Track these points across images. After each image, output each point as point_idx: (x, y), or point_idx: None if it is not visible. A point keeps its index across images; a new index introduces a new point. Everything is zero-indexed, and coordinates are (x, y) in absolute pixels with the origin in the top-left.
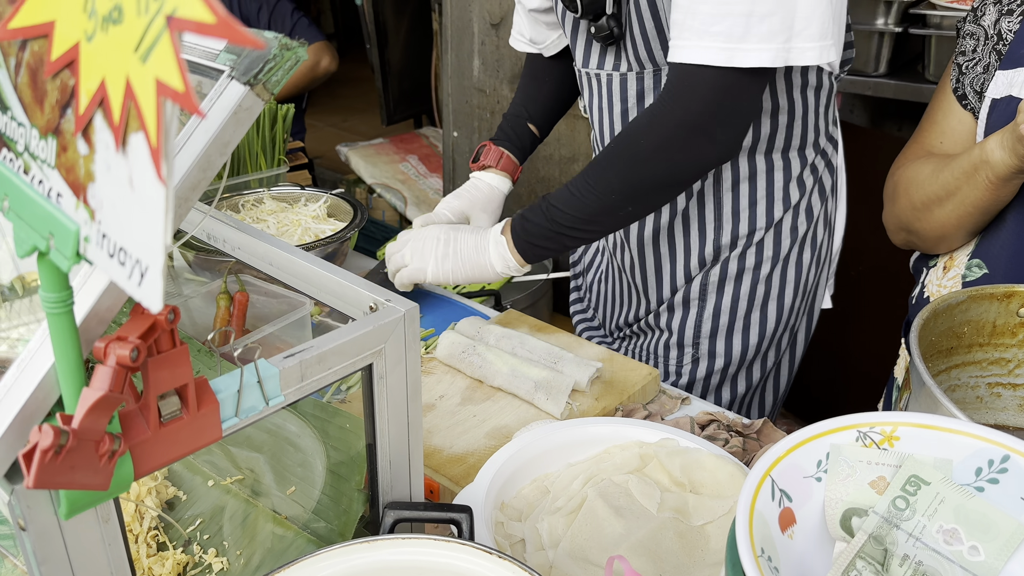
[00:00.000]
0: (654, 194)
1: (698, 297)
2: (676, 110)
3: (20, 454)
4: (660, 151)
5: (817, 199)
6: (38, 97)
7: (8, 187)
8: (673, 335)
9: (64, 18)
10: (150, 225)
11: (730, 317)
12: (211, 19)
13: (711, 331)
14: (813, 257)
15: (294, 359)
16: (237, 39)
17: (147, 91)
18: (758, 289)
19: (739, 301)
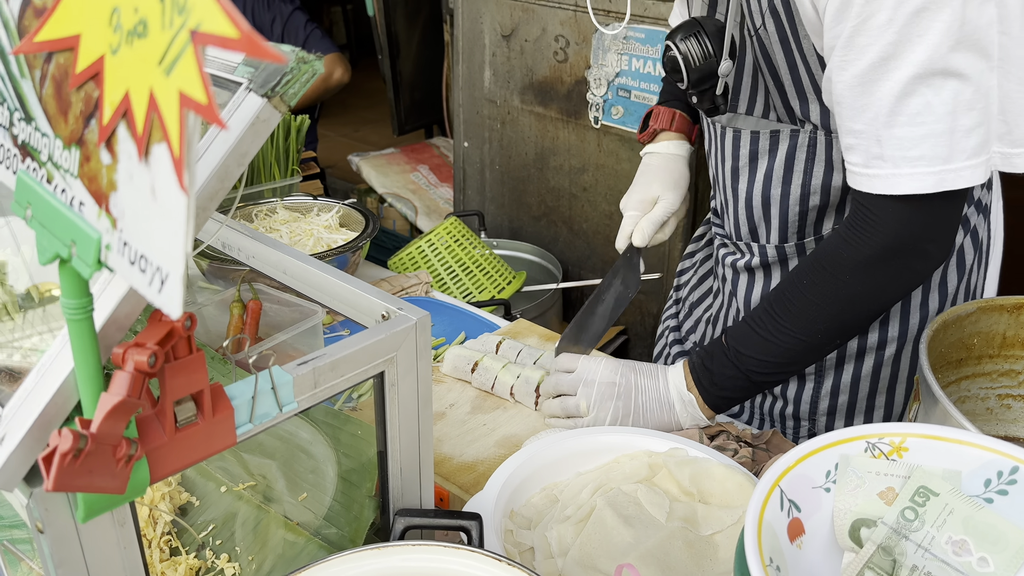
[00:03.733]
0: (861, 324)
1: (816, 371)
2: (882, 240)
3: (40, 457)
4: (870, 285)
5: (954, 273)
6: (62, 108)
7: (32, 196)
8: (789, 405)
9: (90, 32)
10: (171, 233)
11: (850, 397)
12: (235, 34)
13: (828, 409)
14: None
15: (307, 366)
16: (260, 54)
17: (171, 103)
18: (883, 370)
19: (860, 381)
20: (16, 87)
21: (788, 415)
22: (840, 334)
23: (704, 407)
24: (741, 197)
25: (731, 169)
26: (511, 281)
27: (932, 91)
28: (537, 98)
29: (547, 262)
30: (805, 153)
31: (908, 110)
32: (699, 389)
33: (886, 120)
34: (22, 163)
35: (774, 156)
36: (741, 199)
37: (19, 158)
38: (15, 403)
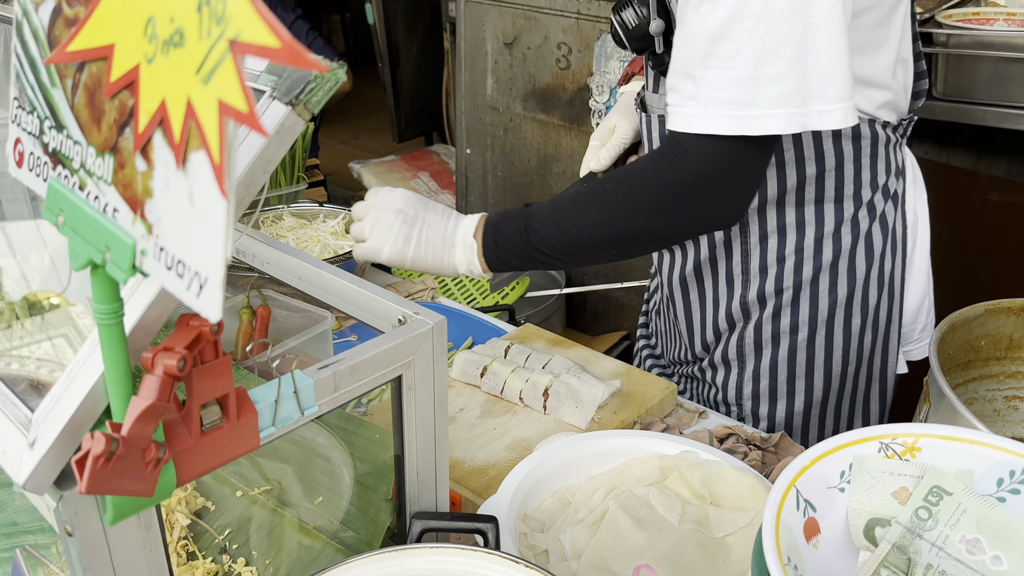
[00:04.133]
0: (642, 245)
1: (737, 357)
2: (680, 171)
3: (73, 460)
4: (657, 208)
5: (862, 259)
6: (95, 116)
7: (63, 203)
8: (720, 391)
9: (124, 41)
10: (210, 239)
11: (771, 382)
12: (276, 43)
13: (752, 394)
14: (865, 321)
15: (328, 370)
16: (301, 63)
17: (209, 111)
18: (799, 355)
19: (778, 366)
20: (47, 96)
21: (720, 400)
22: (620, 245)
23: (482, 259)
24: None
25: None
26: (514, 287)
27: (743, 37)
28: (539, 105)
29: (547, 273)
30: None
31: (720, 53)
32: (483, 240)
33: (700, 61)
34: (53, 171)
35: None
36: None
37: (50, 166)
38: (45, 407)
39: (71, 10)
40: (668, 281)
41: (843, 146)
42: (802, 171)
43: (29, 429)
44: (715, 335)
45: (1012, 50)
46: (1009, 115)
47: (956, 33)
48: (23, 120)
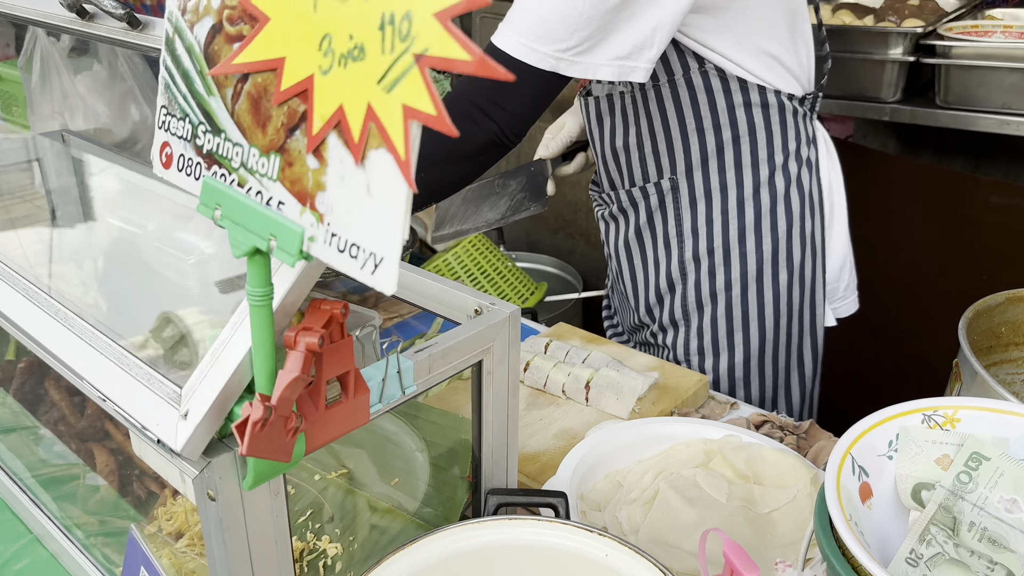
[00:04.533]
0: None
1: (682, 317)
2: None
3: (234, 426)
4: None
5: (783, 218)
6: (259, 121)
7: (221, 198)
8: (670, 351)
9: (296, 55)
10: (388, 224)
11: (712, 336)
12: (467, 56)
13: (698, 349)
14: (792, 277)
15: (424, 353)
16: (491, 73)
17: (392, 115)
18: (735, 309)
19: (718, 321)
20: (202, 104)
21: (672, 359)
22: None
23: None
24: (599, 152)
25: (595, 131)
26: (534, 292)
27: None
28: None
29: (566, 273)
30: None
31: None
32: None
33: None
34: (207, 170)
35: (613, 115)
36: (599, 154)
37: (204, 166)
38: (193, 383)
39: (233, 28)
40: (615, 250)
41: (753, 114)
42: (719, 136)
43: (180, 402)
44: (657, 297)
45: (1010, 60)
46: (1009, 122)
47: (956, 45)
48: (172, 125)
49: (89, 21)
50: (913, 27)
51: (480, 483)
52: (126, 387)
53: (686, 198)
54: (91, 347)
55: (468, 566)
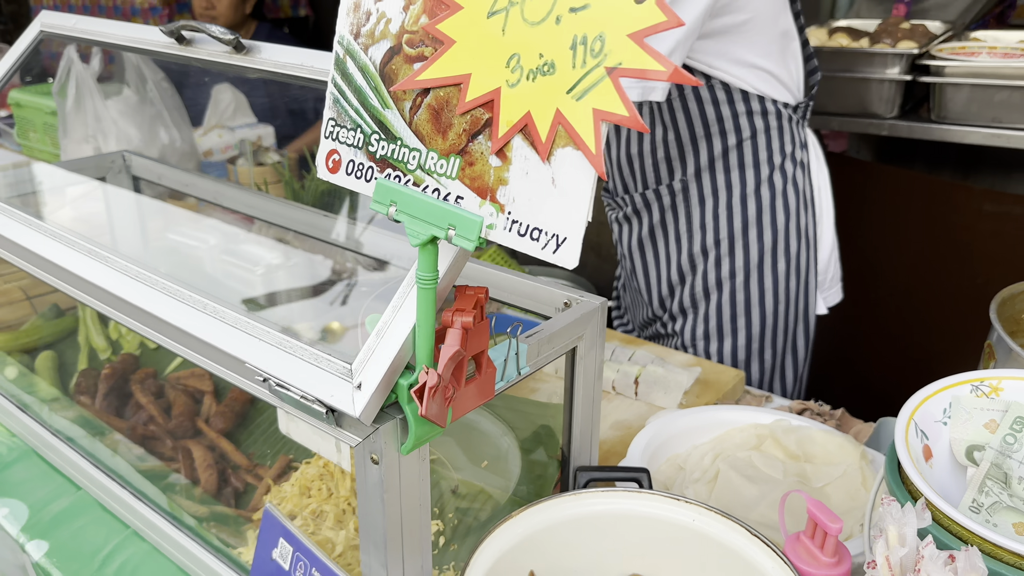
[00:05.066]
0: None
1: (691, 305)
2: None
3: (412, 391)
4: None
5: (781, 213)
6: (439, 129)
7: (395, 196)
8: (679, 337)
9: (481, 71)
10: (573, 208)
11: (717, 321)
12: (662, 68)
13: (704, 334)
14: (789, 267)
15: (534, 339)
16: (686, 80)
17: (583, 118)
18: (738, 296)
19: (723, 307)
20: (376, 115)
21: (679, 345)
22: None
23: None
24: (613, 161)
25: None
26: None
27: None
28: None
29: (578, 285)
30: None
31: None
32: None
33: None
34: (380, 173)
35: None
36: (613, 162)
37: (376, 169)
38: (362, 358)
39: (414, 50)
40: (628, 249)
41: (754, 120)
42: (724, 140)
43: (352, 376)
44: (669, 288)
45: (999, 78)
46: (999, 135)
47: (949, 64)
48: (341, 135)
49: (186, 46)
50: (909, 49)
51: (568, 462)
52: (291, 367)
53: (695, 197)
54: (247, 334)
55: (575, 532)
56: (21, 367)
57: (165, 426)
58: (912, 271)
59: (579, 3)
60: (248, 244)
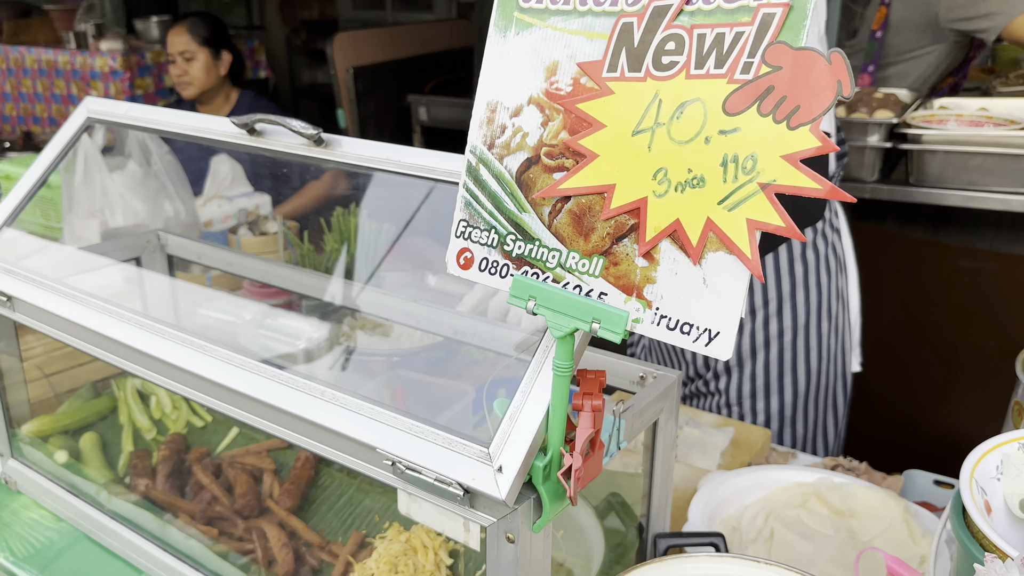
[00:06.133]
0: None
1: (736, 364)
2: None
3: (559, 474)
4: None
5: (824, 275)
6: (581, 232)
7: (533, 291)
8: (723, 396)
9: (626, 182)
10: (726, 306)
11: (765, 379)
12: (818, 187)
13: (750, 392)
14: (831, 326)
15: (628, 414)
16: (840, 197)
17: (736, 227)
18: (785, 355)
19: (770, 365)
20: (512, 218)
21: (723, 404)
22: None
23: None
24: None
25: None
26: None
27: None
28: None
29: None
30: None
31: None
32: None
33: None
34: (517, 270)
35: None
36: None
37: (512, 267)
38: (498, 442)
39: (554, 161)
40: None
41: None
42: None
43: (491, 459)
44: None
45: (969, 145)
46: (974, 197)
47: (923, 133)
48: (475, 235)
49: (257, 138)
50: (887, 118)
51: (647, 529)
52: (422, 450)
53: None
54: (373, 420)
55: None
56: (69, 451)
57: (231, 506)
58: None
59: (729, 126)
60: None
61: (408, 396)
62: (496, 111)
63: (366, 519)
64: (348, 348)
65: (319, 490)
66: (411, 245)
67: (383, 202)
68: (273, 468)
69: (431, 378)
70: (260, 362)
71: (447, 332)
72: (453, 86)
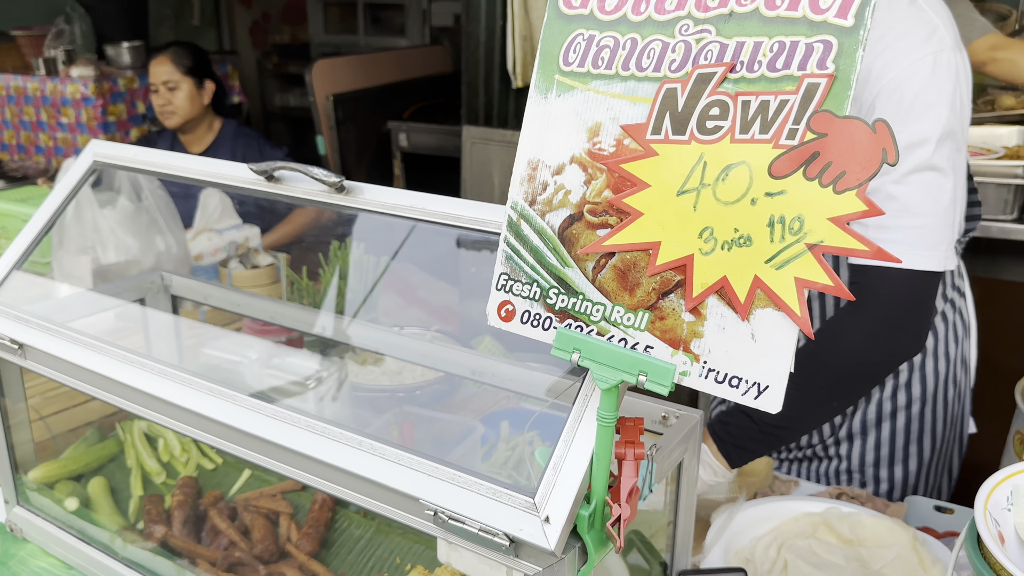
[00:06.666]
0: (854, 386)
1: (860, 432)
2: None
3: (608, 524)
4: (859, 345)
5: (953, 344)
6: (626, 287)
7: (578, 343)
8: (844, 462)
9: (672, 240)
10: (776, 361)
11: (890, 449)
12: (865, 248)
13: (875, 460)
14: (955, 393)
15: (658, 456)
16: (886, 258)
17: (785, 285)
18: (912, 425)
19: (896, 435)
20: (555, 272)
21: (843, 470)
22: (838, 393)
23: (720, 457)
24: None
25: None
26: None
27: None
28: None
29: None
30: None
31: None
32: (715, 439)
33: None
34: (560, 323)
35: None
36: None
37: (554, 319)
38: (543, 492)
39: (597, 218)
40: None
41: None
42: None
43: (537, 510)
44: (842, 416)
45: None
46: None
47: None
48: (516, 288)
49: (275, 184)
50: None
51: (671, 565)
52: (464, 500)
53: None
54: (413, 470)
55: None
56: (78, 497)
57: (250, 551)
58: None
59: (775, 188)
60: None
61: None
62: (537, 169)
63: (387, 562)
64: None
65: (337, 533)
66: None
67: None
68: (290, 512)
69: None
70: (293, 412)
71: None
72: (432, 112)
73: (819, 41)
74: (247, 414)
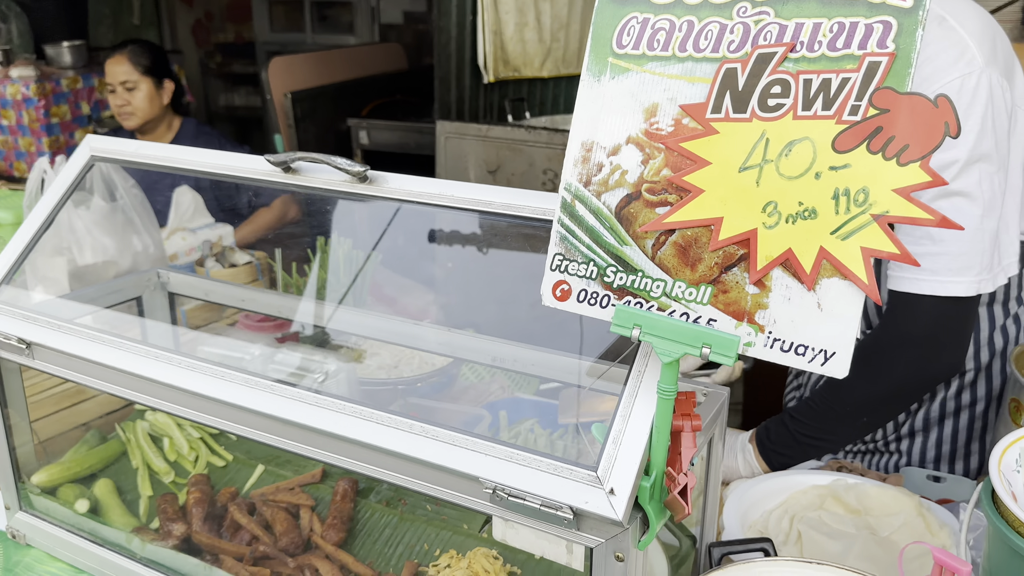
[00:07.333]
0: (885, 406)
1: (922, 428)
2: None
3: (675, 492)
4: (890, 368)
5: (1013, 345)
6: (687, 262)
7: (638, 319)
8: (904, 457)
9: (734, 215)
10: (842, 328)
11: (951, 447)
12: (931, 217)
13: (935, 457)
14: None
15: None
16: (950, 226)
17: (851, 255)
18: (976, 424)
19: (959, 433)
20: (612, 251)
21: (903, 465)
22: (867, 411)
23: (759, 458)
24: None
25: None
26: None
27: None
28: None
29: None
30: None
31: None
32: (758, 444)
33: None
34: (619, 300)
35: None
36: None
37: (612, 297)
38: (605, 465)
39: (656, 196)
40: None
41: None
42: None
43: (601, 483)
44: (905, 412)
45: None
46: None
47: None
48: (572, 268)
49: (292, 175)
50: None
51: (701, 538)
52: (524, 477)
53: None
54: (468, 450)
55: None
56: (88, 500)
57: (275, 545)
58: None
59: (839, 163)
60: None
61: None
62: (592, 150)
63: (415, 548)
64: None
65: (360, 523)
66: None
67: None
68: (311, 504)
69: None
70: (337, 399)
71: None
72: (390, 109)
73: (879, 21)
74: (294, 404)
